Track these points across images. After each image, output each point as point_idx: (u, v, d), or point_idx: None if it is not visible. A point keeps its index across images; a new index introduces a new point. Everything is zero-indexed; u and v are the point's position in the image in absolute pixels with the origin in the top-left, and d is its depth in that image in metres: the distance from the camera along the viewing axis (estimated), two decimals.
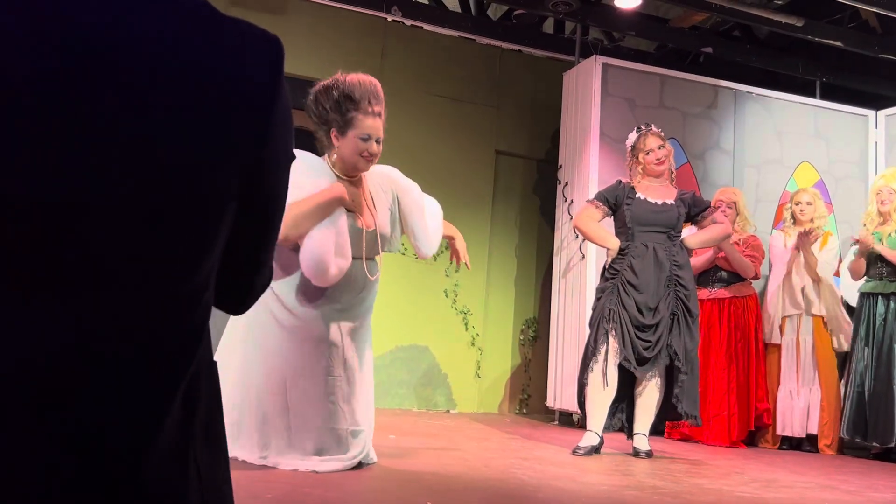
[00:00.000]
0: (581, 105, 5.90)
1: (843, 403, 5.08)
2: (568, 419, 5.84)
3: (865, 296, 5.07)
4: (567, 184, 5.99)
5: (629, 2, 5.80)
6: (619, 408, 4.23)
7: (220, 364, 0.96)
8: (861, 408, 4.93)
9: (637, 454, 4.08)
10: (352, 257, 2.95)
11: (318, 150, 3.12)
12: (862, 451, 5.15)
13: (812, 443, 5.21)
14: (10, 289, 0.72)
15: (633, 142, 4.39)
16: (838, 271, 5.50)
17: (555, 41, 6.75)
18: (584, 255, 5.63)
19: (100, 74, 0.74)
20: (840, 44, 6.07)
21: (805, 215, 5.36)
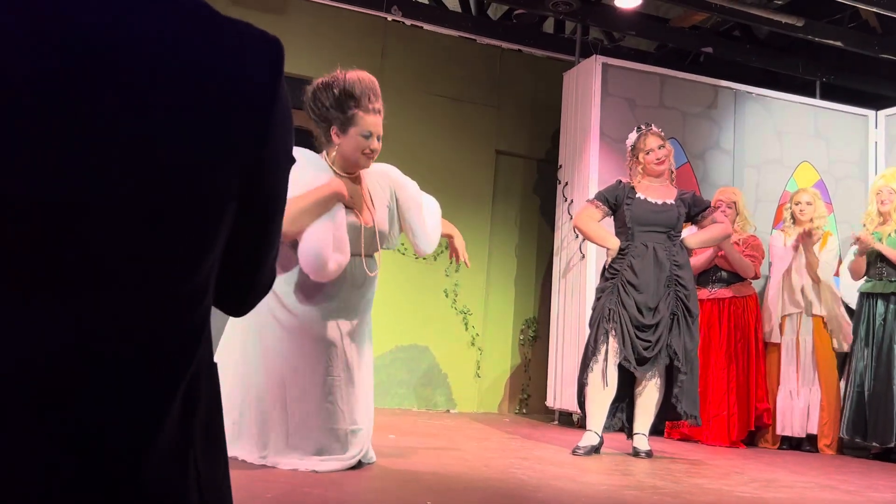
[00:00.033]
0: (581, 105, 5.90)
1: (843, 403, 5.09)
2: (568, 419, 5.84)
3: (865, 296, 5.07)
4: (567, 184, 5.99)
5: (629, 2, 5.80)
6: (619, 408, 4.24)
7: (220, 364, 0.96)
8: (861, 408, 4.93)
9: (637, 454, 4.08)
10: (351, 254, 2.94)
11: (316, 149, 3.11)
12: (862, 451, 5.14)
13: (812, 443, 5.21)
14: (10, 289, 0.72)
15: (633, 142, 4.39)
16: (838, 271, 5.49)
17: (555, 41, 6.75)
18: (584, 255, 5.63)
19: (100, 74, 0.74)
20: (840, 44, 6.07)
21: (805, 215, 5.36)
